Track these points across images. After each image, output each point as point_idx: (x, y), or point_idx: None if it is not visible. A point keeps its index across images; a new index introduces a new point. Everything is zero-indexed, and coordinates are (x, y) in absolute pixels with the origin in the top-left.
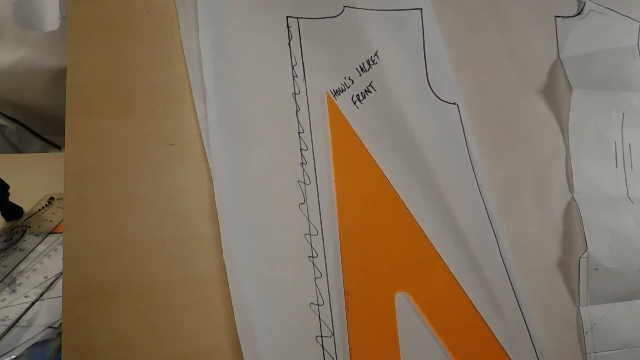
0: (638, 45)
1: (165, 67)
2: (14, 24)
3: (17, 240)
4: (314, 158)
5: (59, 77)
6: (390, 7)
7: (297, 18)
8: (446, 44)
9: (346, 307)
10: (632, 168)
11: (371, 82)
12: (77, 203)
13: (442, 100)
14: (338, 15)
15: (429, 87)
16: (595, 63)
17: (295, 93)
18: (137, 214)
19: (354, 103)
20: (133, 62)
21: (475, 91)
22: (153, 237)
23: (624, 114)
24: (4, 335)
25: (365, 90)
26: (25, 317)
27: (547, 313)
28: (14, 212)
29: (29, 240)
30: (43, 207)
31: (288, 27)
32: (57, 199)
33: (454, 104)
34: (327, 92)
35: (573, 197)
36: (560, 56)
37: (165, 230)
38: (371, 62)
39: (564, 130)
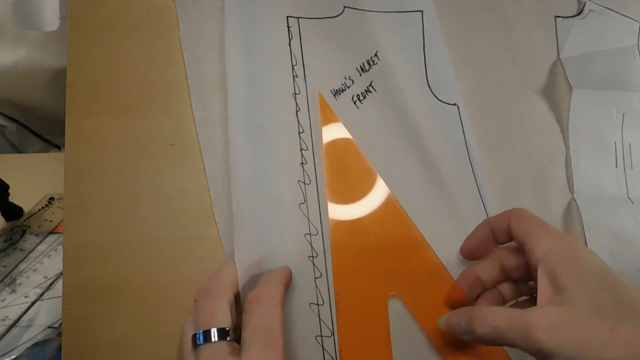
0: (638, 45)
1: (165, 67)
2: (13, 24)
3: (17, 240)
4: (314, 158)
5: (59, 77)
6: (390, 9)
7: (298, 18)
8: (447, 45)
9: (336, 308)
10: (632, 168)
11: (371, 82)
12: (77, 203)
13: (441, 101)
14: (338, 15)
15: (428, 89)
16: (595, 63)
17: (295, 93)
18: (137, 214)
19: (355, 103)
20: (133, 62)
21: (475, 91)
22: (153, 237)
23: (624, 114)
24: (4, 335)
25: (366, 90)
26: (25, 317)
27: None
28: (14, 212)
29: (29, 240)
30: (43, 207)
31: (288, 27)
32: (57, 199)
33: (454, 105)
34: (318, 92)
35: (573, 197)
36: (560, 56)
37: (165, 230)
38: (371, 62)
39: (564, 130)
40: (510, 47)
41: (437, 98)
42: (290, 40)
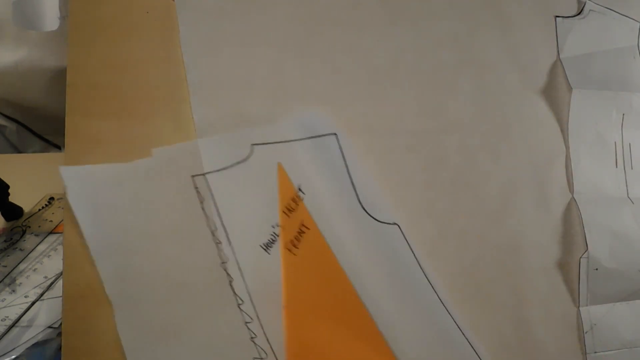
0: (638, 45)
1: (165, 67)
2: (13, 24)
3: (17, 240)
4: (262, 329)
5: (59, 77)
6: (303, 136)
7: (204, 174)
8: (445, 45)
9: None
10: (632, 168)
11: (302, 221)
12: None
13: (380, 221)
14: (248, 157)
15: (363, 211)
16: (595, 63)
17: (223, 262)
18: None
19: (290, 250)
20: (133, 62)
21: (475, 91)
22: None
23: (624, 114)
24: (4, 335)
25: (299, 232)
26: (25, 317)
27: (547, 313)
28: (14, 212)
29: (29, 240)
30: (43, 207)
31: (196, 188)
32: (57, 199)
33: (394, 224)
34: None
35: (573, 197)
36: (560, 56)
37: None
38: (297, 200)
39: (564, 130)
40: (510, 47)
41: (374, 219)
42: (202, 203)
